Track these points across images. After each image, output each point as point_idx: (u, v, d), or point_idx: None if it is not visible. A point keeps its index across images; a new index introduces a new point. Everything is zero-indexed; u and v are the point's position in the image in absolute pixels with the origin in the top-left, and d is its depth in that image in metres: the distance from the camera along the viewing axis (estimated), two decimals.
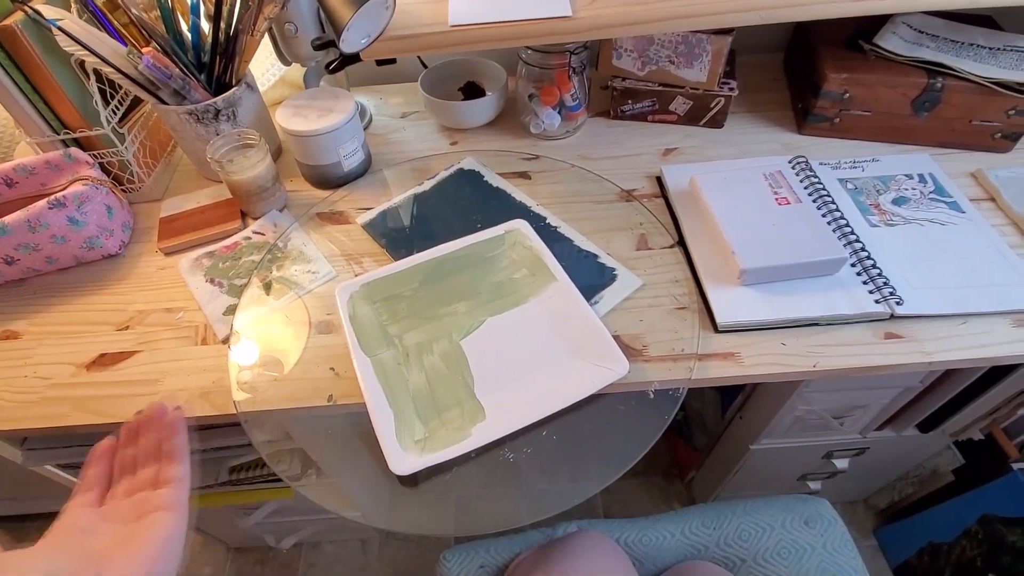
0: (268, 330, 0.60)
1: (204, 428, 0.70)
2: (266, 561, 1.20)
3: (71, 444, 0.67)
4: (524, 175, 0.74)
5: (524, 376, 0.53)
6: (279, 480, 0.79)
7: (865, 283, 0.57)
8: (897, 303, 0.55)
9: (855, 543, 0.68)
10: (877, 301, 0.56)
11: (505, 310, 0.58)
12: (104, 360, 0.59)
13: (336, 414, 0.55)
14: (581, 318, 0.55)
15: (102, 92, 0.66)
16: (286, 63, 0.77)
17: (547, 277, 0.59)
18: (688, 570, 0.64)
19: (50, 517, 0.35)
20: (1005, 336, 0.54)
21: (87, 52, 0.60)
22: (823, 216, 0.61)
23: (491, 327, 0.57)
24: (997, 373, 0.68)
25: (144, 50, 0.63)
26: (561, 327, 0.56)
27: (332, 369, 0.56)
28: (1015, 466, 0.88)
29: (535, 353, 0.55)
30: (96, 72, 0.64)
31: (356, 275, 0.63)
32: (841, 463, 0.88)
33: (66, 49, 0.61)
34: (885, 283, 0.57)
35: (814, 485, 0.99)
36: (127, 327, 0.62)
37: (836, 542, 0.67)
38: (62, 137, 0.67)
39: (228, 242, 0.69)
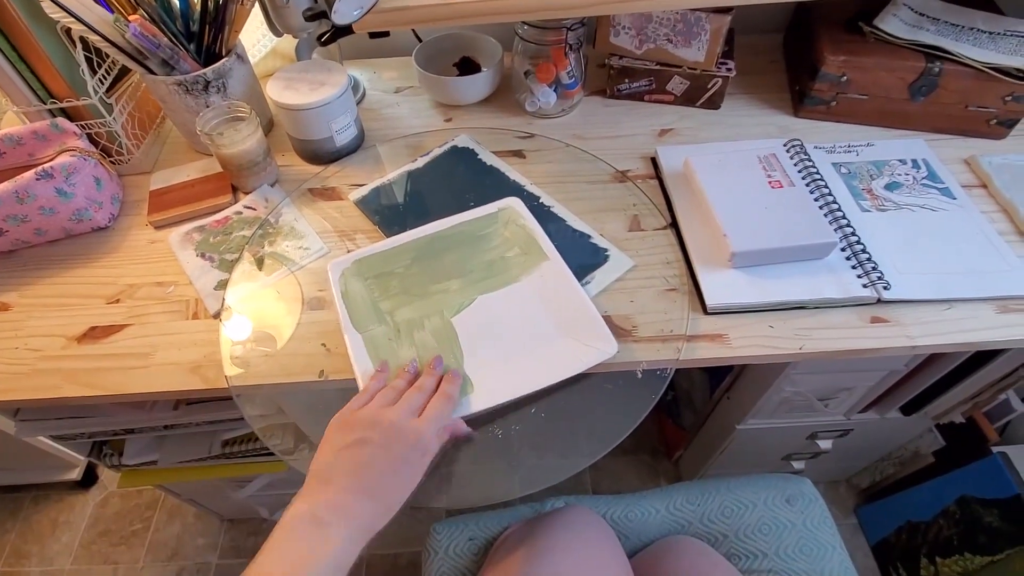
0: (260, 305, 0.60)
1: (196, 402, 0.71)
2: (259, 532, 1.22)
3: (63, 416, 0.68)
4: (518, 153, 0.73)
5: (514, 353, 0.53)
6: (272, 454, 0.80)
7: (854, 267, 0.58)
8: (884, 288, 0.56)
9: (836, 521, 0.70)
10: (865, 286, 0.56)
11: (496, 288, 0.58)
12: (95, 333, 0.59)
13: (328, 389, 0.56)
14: (571, 297, 0.55)
15: (89, 61, 0.65)
16: (277, 34, 0.76)
17: (539, 256, 0.59)
18: (671, 545, 0.66)
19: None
20: (989, 322, 0.55)
21: (73, 19, 0.59)
22: (815, 200, 0.61)
23: (482, 305, 0.57)
24: (981, 358, 0.69)
25: (131, 18, 0.61)
26: (551, 306, 0.56)
27: (324, 345, 0.56)
28: (994, 449, 0.90)
29: (525, 331, 0.55)
30: (83, 40, 0.63)
31: (348, 251, 0.63)
32: (825, 444, 0.90)
33: (51, 16, 0.59)
34: (873, 268, 0.57)
35: (798, 465, 1.02)
36: (117, 300, 0.62)
37: (816, 519, 0.68)
38: (49, 107, 0.66)
39: (219, 216, 0.68)
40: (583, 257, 0.61)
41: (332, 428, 0.46)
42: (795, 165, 0.65)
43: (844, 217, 0.61)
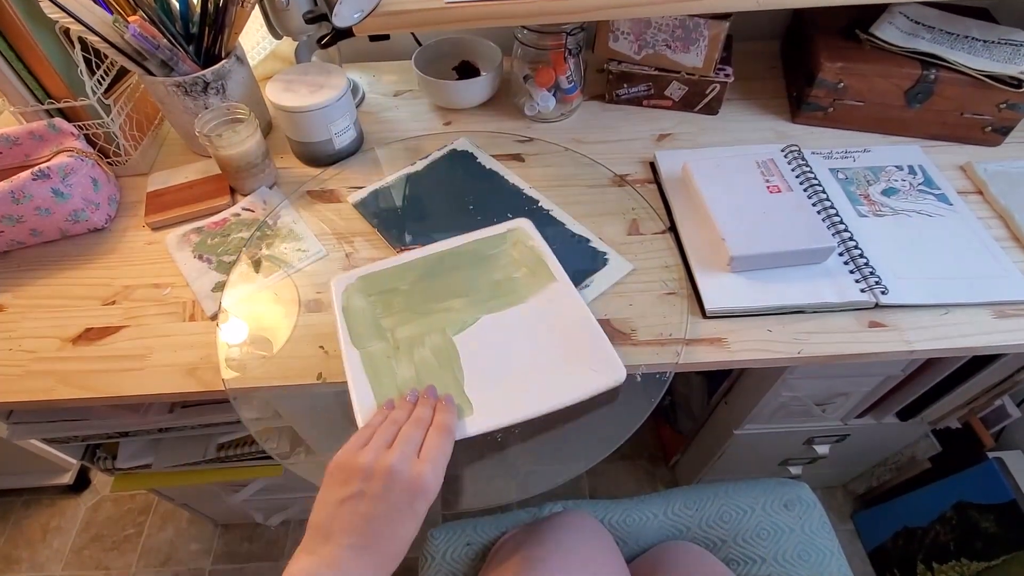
0: (257, 308, 0.60)
1: (192, 405, 0.70)
2: (254, 538, 1.21)
3: (57, 418, 0.67)
4: (518, 157, 0.73)
5: (517, 376, 0.52)
6: (268, 457, 0.80)
7: (852, 272, 0.58)
8: (882, 292, 0.56)
9: (833, 526, 0.70)
10: (863, 290, 0.56)
11: (502, 309, 0.57)
12: (90, 335, 0.59)
13: (325, 392, 0.55)
14: (580, 321, 0.54)
15: (87, 61, 0.65)
16: (277, 36, 0.76)
17: (547, 277, 0.57)
18: (669, 550, 0.66)
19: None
20: (985, 327, 0.55)
21: (72, 19, 0.59)
22: (813, 205, 0.62)
23: (487, 325, 0.56)
24: (977, 363, 0.70)
25: (130, 19, 0.61)
26: (558, 329, 0.55)
27: (321, 347, 0.56)
28: (990, 455, 0.91)
29: (530, 353, 0.53)
30: (81, 40, 0.62)
31: (347, 254, 0.63)
32: (822, 449, 0.90)
33: (50, 16, 0.59)
34: (871, 272, 0.57)
35: (795, 470, 1.01)
36: (113, 302, 0.61)
37: (814, 525, 0.68)
38: (46, 107, 0.66)
39: (217, 218, 0.68)
40: (582, 261, 0.61)
41: (330, 474, 0.44)
42: (793, 170, 0.65)
43: (842, 222, 0.61)
